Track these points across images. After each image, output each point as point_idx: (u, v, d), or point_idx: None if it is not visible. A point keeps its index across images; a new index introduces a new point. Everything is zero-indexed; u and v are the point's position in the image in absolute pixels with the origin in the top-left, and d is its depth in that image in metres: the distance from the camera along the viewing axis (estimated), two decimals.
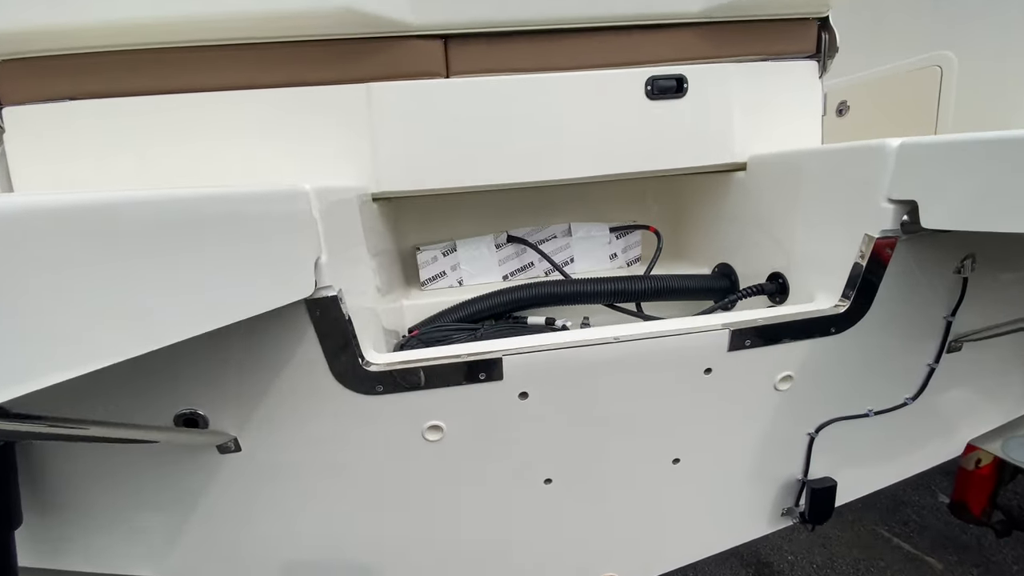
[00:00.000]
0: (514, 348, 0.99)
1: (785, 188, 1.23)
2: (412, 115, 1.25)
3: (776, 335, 1.07)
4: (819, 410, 1.21)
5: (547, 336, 1.02)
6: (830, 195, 1.11)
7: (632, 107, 1.32)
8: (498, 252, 1.61)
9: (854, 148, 1.04)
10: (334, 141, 1.24)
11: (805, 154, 1.17)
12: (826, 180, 1.12)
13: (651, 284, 1.37)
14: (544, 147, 1.31)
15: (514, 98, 1.29)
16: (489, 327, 1.42)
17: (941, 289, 1.12)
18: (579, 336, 1.02)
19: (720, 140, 1.38)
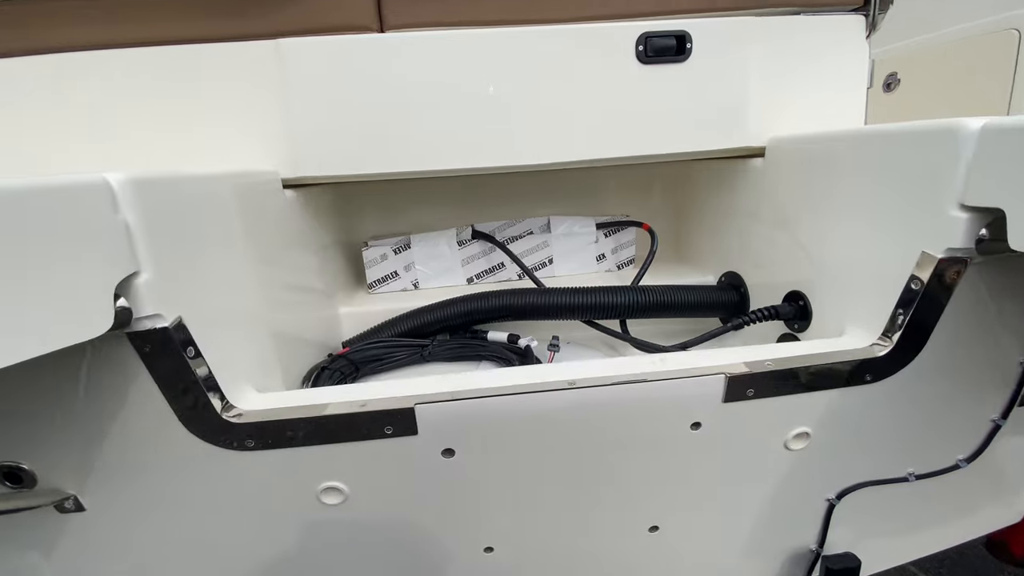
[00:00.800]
0: (430, 395, 0.74)
1: (815, 182, 0.95)
2: (335, 80, 1.00)
3: (790, 383, 0.80)
4: (842, 471, 0.94)
5: (478, 378, 0.77)
6: (877, 195, 0.82)
7: (619, 73, 1.04)
8: (461, 250, 1.35)
9: (915, 131, 0.75)
10: (235, 114, 1.00)
11: (844, 137, 0.88)
12: (872, 174, 0.83)
13: (638, 297, 1.11)
14: (504, 125, 1.04)
15: (466, 59, 1.01)
16: (440, 343, 1.18)
17: (1019, 324, 0.84)
18: (522, 378, 0.77)
19: (732, 117, 1.09)
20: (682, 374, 0.78)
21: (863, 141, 0.84)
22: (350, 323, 1.25)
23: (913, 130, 0.75)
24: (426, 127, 1.03)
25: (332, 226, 1.32)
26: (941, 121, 0.70)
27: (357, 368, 1.10)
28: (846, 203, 0.88)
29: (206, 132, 0.98)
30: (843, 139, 0.88)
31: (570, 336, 1.27)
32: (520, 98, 1.03)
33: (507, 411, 0.76)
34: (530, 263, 1.39)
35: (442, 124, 1.03)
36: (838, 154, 0.88)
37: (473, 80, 1.02)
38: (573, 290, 1.12)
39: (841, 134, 0.88)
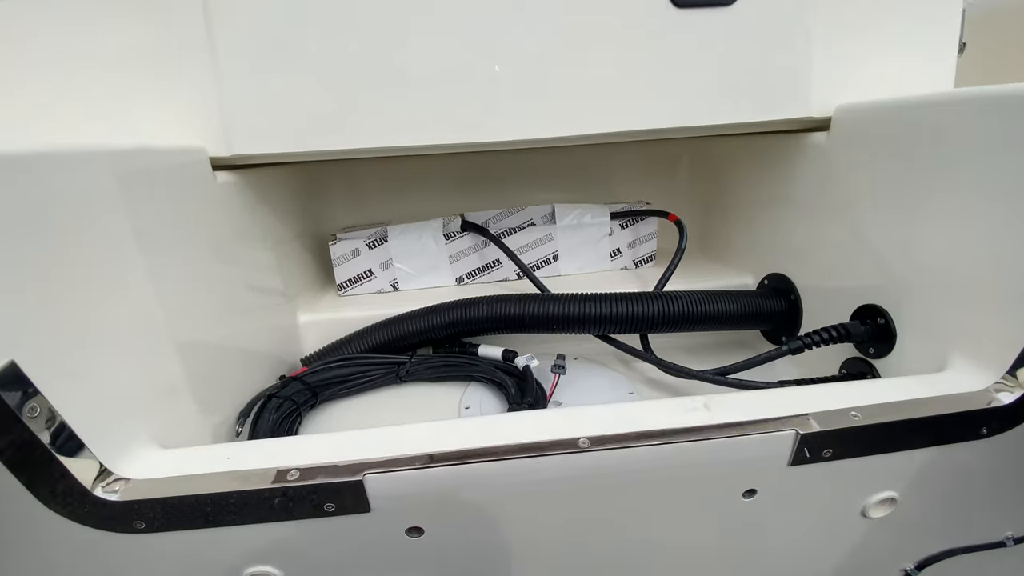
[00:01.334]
0: (387, 459, 0.54)
1: (904, 162, 0.72)
2: (281, 22, 0.77)
3: (882, 440, 0.59)
4: (927, 536, 0.74)
5: (454, 431, 0.57)
6: (1000, 180, 0.60)
7: (647, 20, 0.80)
8: (449, 244, 1.14)
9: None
10: (147, 76, 0.77)
11: (951, 102, 0.65)
12: (992, 153, 0.60)
13: (666, 307, 0.89)
14: (499, 85, 0.81)
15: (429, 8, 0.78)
16: (421, 360, 0.98)
17: None
18: (512, 432, 0.56)
19: (789, 81, 0.86)
20: (736, 430, 0.57)
21: (996, 105, 0.60)
22: (315, 334, 1.05)
23: None
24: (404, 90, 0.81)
25: (292, 215, 1.10)
26: None
27: (315, 394, 0.90)
28: (953, 191, 0.65)
29: (93, 96, 0.76)
30: (953, 104, 0.65)
31: (579, 350, 1.06)
32: (518, 51, 0.80)
33: (492, 479, 0.55)
34: (531, 260, 1.18)
35: (425, 86, 0.80)
36: (944, 126, 0.65)
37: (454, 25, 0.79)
38: (584, 298, 0.91)
39: (956, 96, 0.65)
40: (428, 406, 0.92)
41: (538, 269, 1.19)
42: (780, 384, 0.79)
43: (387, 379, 0.96)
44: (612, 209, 1.18)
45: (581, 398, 0.92)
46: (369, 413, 0.91)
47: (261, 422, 0.80)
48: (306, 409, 0.90)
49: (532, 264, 1.18)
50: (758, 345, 1.06)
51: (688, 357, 1.06)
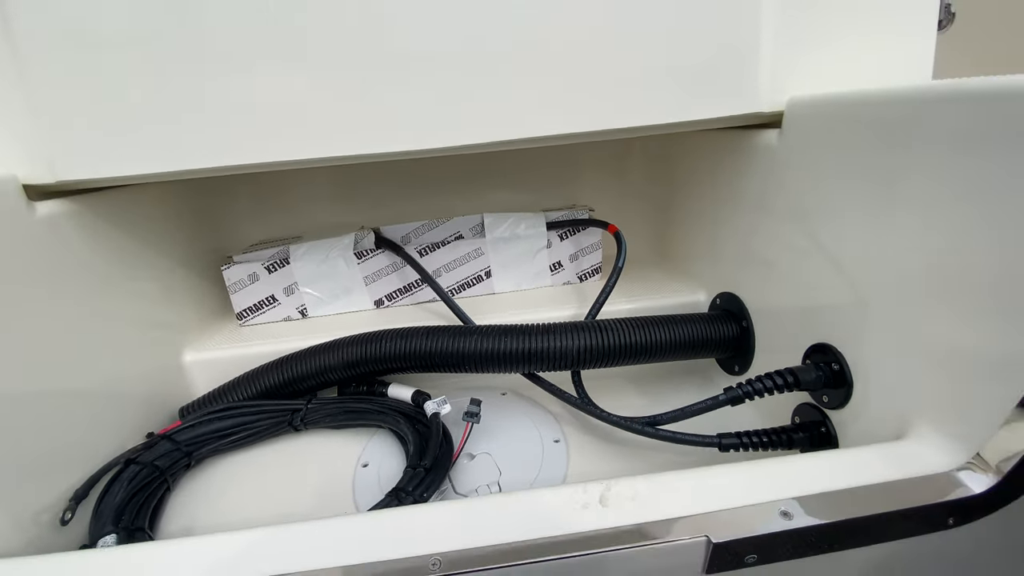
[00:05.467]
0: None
1: (866, 166, 0.59)
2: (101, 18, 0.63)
3: (823, 540, 0.47)
4: None
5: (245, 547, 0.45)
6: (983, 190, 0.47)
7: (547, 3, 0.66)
8: (363, 263, 1.01)
9: None
10: None
11: (924, 97, 0.52)
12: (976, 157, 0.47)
13: (597, 341, 0.77)
14: (389, 79, 0.67)
15: None
16: (320, 405, 0.86)
17: None
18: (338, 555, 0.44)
19: (734, 69, 0.71)
20: (632, 537, 0.46)
21: (962, 102, 0.47)
22: (211, 374, 0.92)
23: None
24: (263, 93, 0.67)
25: (173, 238, 0.97)
26: None
27: (188, 454, 0.78)
28: (922, 203, 0.52)
29: None
30: (921, 99, 0.51)
31: (510, 383, 0.94)
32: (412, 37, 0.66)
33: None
34: (461, 277, 1.05)
35: (285, 87, 0.67)
36: (918, 121, 0.52)
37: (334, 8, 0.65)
38: (501, 332, 0.79)
39: (917, 91, 0.52)
40: (323, 463, 0.81)
41: (469, 287, 1.06)
42: (717, 438, 0.67)
43: (280, 429, 0.85)
44: (549, 218, 1.05)
45: (500, 448, 0.80)
46: (255, 473, 0.80)
47: (107, 501, 0.68)
48: (179, 473, 0.78)
49: (462, 282, 1.06)
50: (712, 373, 0.94)
51: (631, 388, 0.94)
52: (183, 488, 0.78)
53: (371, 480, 0.76)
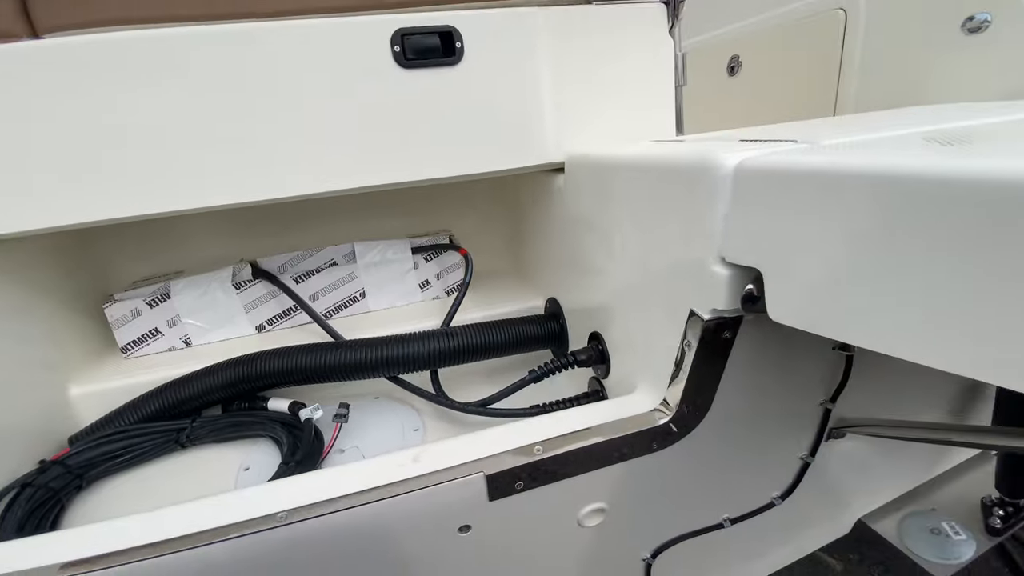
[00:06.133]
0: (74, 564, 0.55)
1: (600, 210, 0.83)
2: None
3: (568, 467, 0.69)
4: (654, 529, 0.87)
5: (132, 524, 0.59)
6: (648, 236, 0.71)
7: (376, 82, 0.85)
8: (241, 293, 1.13)
9: (673, 166, 0.63)
10: None
11: (614, 164, 0.76)
12: (644, 209, 0.71)
13: (441, 345, 0.96)
14: (222, 149, 0.83)
15: (163, 69, 0.78)
16: (205, 422, 0.98)
17: (815, 367, 0.78)
18: (205, 518, 0.59)
19: (524, 129, 0.95)
20: (437, 477, 0.65)
21: (632, 171, 0.72)
22: (98, 405, 1.01)
23: (671, 165, 0.63)
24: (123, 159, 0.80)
25: (51, 281, 1.04)
26: (699, 154, 0.59)
27: (81, 476, 0.88)
28: (624, 242, 0.77)
29: None
30: (613, 166, 0.76)
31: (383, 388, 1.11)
32: (241, 116, 0.82)
33: (191, 570, 0.58)
34: (337, 300, 1.21)
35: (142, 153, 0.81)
36: (617, 181, 0.76)
37: (173, 95, 0.79)
38: (363, 344, 0.96)
39: (611, 160, 0.77)
40: (209, 471, 0.93)
41: (346, 308, 1.22)
42: (530, 409, 0.89)
43: (167, 447, 0.95)
44: (414, 244, 1.23)
45: (368, 440, 0.97)
46: (144, 487, 0.91)
47: (8, 519, 0.77)
48: (72, 493, 0.87)
49: (339, 303, 1.21)
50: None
51: (485, 380, 1.15)
52: (77, 507, 0.87)
53: (252, 480, 0.89)
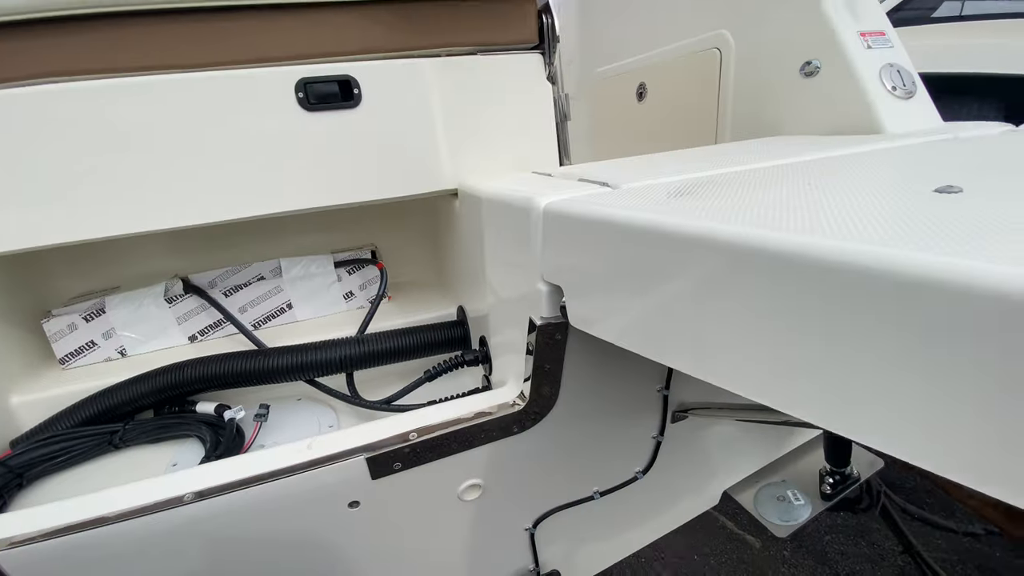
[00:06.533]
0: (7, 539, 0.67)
1: (477, 231, 0.98)
2: None
3: (440, 448, 0.84)
4: (532, 503, 1.02)
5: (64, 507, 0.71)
6: (504, 256, 0.87)
7: (284, 123, 0.99)
8: (173, 307, 1.24)
9: (510, 202, 0.79)
10: None
11: (483, 195, 0.91)
12: (499, 235, 0.87)
13: (352, 351, 1.10)
14: (152, 184, 0.95)
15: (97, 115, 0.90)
16: (137, 425, 1.09)
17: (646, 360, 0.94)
18: (128, 498, 0.72)
19: (422, 161, 1.09)
20: (328, 462, 0.78)
21: (492, 203, 0.87)
22: (39, 412, 1.10)
23: (510, 202, 0.79)
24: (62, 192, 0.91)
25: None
26: (524, 193, 0.75)
27: (21, 475, 0.98)
28: (491, 261, 0.92)
29: None
30: (483, 198, 0.91)
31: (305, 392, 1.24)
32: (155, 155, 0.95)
33: (113, 544, 0.70)
34: (265, 311, 1.33)
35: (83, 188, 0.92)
36: (482, 211, 0.92)
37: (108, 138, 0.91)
38: (282, 351, 1.08)
39: (480, 191, 0.92)
40: (139, 468, 1.04)
41: (275, 318, 1.34)
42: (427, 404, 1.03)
43: (101, 448, 1.06)
44: (336, 259, 1.36)
45: (287, 436, 1.09)
46: (79, 484, 1.01)
47: None
48: (13, 491, 0.97)
49: (267, 314, 1.33)
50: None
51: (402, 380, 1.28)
52: (18, 503, 0.97)
53: None
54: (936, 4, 4.08)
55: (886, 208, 0.45)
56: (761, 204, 0.51)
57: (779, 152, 0.90)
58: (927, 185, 0.54)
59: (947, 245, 0.32)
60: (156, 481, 0.75)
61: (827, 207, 0.47)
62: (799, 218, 0.44)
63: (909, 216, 0.41)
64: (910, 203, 0.46)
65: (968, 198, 0.46)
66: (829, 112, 1.20)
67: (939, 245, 0.33)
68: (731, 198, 0.57)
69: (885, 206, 0.45)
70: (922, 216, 0.40)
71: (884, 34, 1.18)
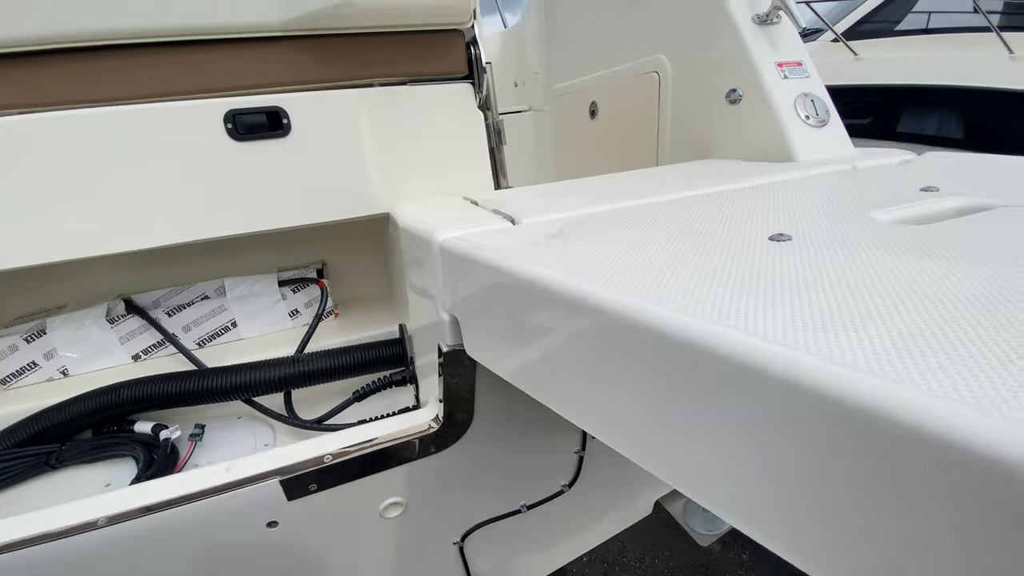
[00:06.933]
0: None
1: (400, 257, 1.03)
2: None
3: (358, 468, 0.88)
4: (459, 517, 1.07)
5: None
6: (416, 282, 0.91)
7: (214, 153, 1.02)
8: (115, 327, 1.27)
9: (417, 232, 0.83)
10: None
11: (399, 223, 0.96)
12: (411, 262, 0.92)
13: (289, 370, 1.13)
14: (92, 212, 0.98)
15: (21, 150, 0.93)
16: (75, 445, 1.11)
17: None
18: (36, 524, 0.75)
19: (355, 187, 1.13)
20: (245, 484, 0.82)
21: (406, 233, 0.92)
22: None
23: (416, 234, 0.83)
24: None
25: None
26: (426, 230, 0.79)
27: None
28: (411, 288, 0.97)
29: None
30: (398, 225, 0.96)
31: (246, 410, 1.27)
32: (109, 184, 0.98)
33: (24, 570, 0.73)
34: (210, 329, 1.36)
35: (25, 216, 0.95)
36: (401, 238, 0.96)
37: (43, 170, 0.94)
38: (213, 372, 1.12)
39: (399, 218, 0.96)
40: (75, 488, 1.06)
41: (219, 336, 1.37)
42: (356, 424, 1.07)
43: (38, 468, 1.08)
44: (281, 277, 1.40)
45: (222, 455, 1.12)
46: (15, 504, 1.04)
47: None
48: None
49: (212, 332, 1.36)
50: None
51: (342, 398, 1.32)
52: None
53: None
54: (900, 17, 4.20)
55: (719, 260, 0.50)
56: (617, 249, 0.56)
57: (687, 183, 0.95)
58: (773, 228, 0.59)
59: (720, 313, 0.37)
60: (70, 505, 0.78)
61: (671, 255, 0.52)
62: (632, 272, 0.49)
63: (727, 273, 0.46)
64: (742, 253, 0.51)
65: (791, 248, 0.52)
66: (751, 138, 1.26)
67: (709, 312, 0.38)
68: (600, 240, 0.61)
69: (719, 257, 0.50)
70: (735, 273, 0.45)
71: (801, 64, 1.24)
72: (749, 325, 0.35)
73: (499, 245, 0.64)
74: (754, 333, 0.33)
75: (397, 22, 1.03)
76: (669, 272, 0.47)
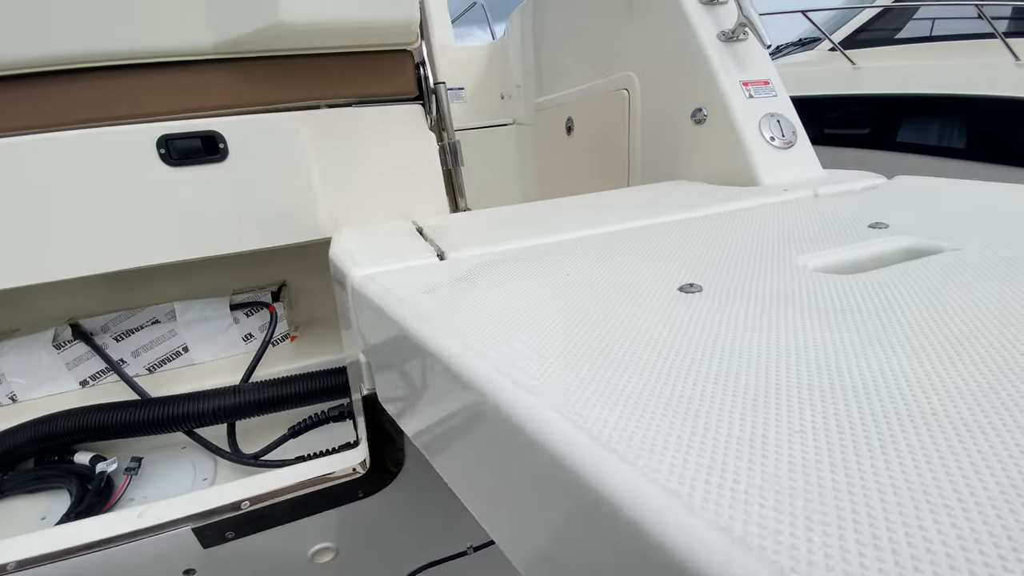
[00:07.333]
0: None
1: None
2: None
3: (275, 517, 0.83)
4: (398, 562, 1.02)
5: None
6: (342, 316, 0.88)
7: (146, 178, 0.99)
8: (63, 352, 1.24)
9: (339, 264, 0.80)
10: None
11: (330, 252, 0.92)
12: (337, 293, 0.88)
13: (228, 401, 1.09)
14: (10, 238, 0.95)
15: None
16: (17, 475, 1.09)
17: None
18: None
19: (298, 211, 1.10)
20: (155, 531, 0.78)
21: (330, 258, 0.88)
22: None
23: (337, 264, 0.80)
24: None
25: None
26: (344, 264, 0.75)
27: None
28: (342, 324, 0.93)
29: None
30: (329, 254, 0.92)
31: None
32: (37, 211, 0.96)
33: None
34: (160, 354, 1.33)
35: None
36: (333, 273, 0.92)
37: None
38: (152, 403, 1.09)
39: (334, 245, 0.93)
40: (13, 521, 1.04)
41: (170, 361, 1.34)
42: (293, 460, 1.03)
43: None
44: (233, 301, 1.36)
45: (159, 489, 1.09)
46: None
47: None
48: None
49: (162, 357, 1.33)
50: None
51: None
52: None
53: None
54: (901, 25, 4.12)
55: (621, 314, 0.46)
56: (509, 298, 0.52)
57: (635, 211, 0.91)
58: (690, 275, 0.55)
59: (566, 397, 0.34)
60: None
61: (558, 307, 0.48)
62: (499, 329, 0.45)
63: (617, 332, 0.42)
64: (647, 306, 0.47)
65: (696, 302, 0.47)
66: (716, 159, 1.22)
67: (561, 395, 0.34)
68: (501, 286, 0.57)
69: (623, 309, 0.47)
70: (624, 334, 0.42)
71: (768, 83, 1.19)
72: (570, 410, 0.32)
73: (404, 289, 0.61)
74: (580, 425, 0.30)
75: (335, 43, 1.00)
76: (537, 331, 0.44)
